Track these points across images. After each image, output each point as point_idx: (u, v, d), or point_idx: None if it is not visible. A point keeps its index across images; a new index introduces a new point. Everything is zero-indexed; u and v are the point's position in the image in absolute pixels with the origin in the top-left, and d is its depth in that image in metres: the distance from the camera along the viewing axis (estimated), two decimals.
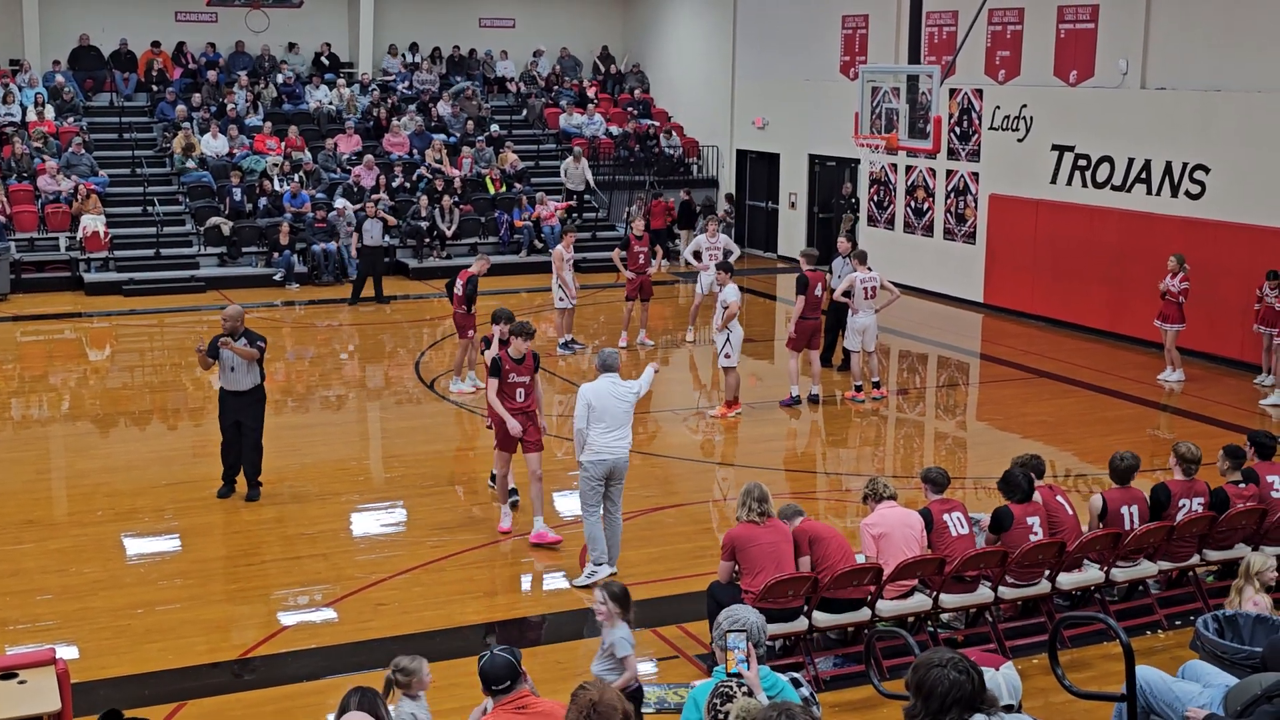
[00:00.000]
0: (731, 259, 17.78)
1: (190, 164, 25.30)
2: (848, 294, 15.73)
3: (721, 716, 5.29)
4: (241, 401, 12.00)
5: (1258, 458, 10.35)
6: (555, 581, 10.46)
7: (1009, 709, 5.18)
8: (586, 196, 27.44)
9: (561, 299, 18.19)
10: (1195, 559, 9.85)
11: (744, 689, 5.44)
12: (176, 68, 28.12)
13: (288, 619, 9.61)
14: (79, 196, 23.33)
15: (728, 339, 15.03)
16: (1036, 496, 9.31)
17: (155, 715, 7.70)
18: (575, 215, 26.28)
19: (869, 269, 15.86)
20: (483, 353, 13.17)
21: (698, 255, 19.08)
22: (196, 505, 11.99)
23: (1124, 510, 9.54)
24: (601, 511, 10.19)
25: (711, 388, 16.87)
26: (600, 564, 10.18)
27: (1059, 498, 9.55)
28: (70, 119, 25.85)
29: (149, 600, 9.90)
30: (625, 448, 10.18)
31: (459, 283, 15.84)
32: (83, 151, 24.58)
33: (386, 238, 23.36)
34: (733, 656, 5.62)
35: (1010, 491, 9.25)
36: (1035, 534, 9.06)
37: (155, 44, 27.94)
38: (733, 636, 5.68)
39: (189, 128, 25.84)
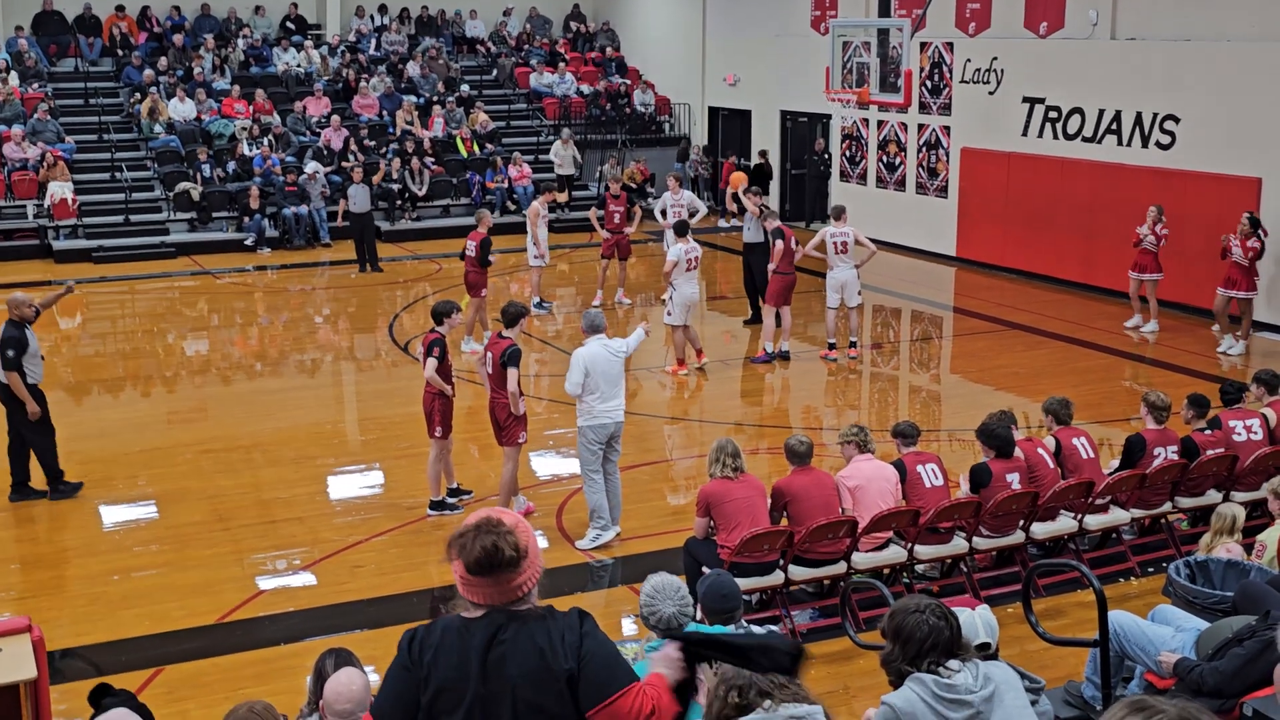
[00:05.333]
0: (696, 218, 17.73)
1: (158, 129, 25.06)
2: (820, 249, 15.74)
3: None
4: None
5: (1223, 404, 10.46)
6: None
7: (985, 646, 5.19)
8: (576, 178, 26.61)
9: (538, 256, 18.08)
10: (1167, 506, 9.94)
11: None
12: (141, 32, 27.78)
13: (264, 583, 9.60)
14: (45, 163, 23.06)
15: (670, 297, 15.05)
16: (1018, 452, 9.28)
17: (133, 680, 7.70)
18: (559, 199, 25.55)
19: (842, 224, 15.82)
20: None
21: (664, 214, 18.97)
22: (170, 471, 11.95)
23: (1075, 442, 9.65)
24: (602, 477, 10.13)
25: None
26: (606, 528, 10.17)
27: (1039, 450, 9.57)
28: (35, 85, 25.52)
29: (125, 567, 9.89)
30: (622, 409, 10.15)
31: (472, 244, 15.86)
32: (48, 118, 24.29)
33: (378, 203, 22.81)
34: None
35: (989, 440, 9.21)
36: (1015, 490, 9.08)
37: (119, 8, 27.57)
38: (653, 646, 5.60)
39: (155, 92, 25.56)
